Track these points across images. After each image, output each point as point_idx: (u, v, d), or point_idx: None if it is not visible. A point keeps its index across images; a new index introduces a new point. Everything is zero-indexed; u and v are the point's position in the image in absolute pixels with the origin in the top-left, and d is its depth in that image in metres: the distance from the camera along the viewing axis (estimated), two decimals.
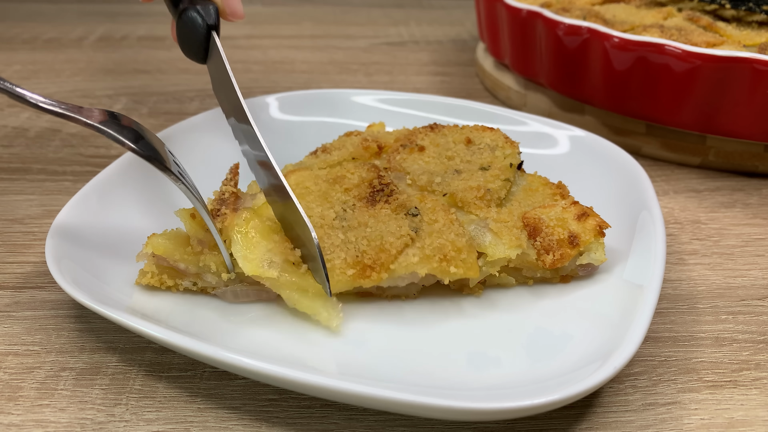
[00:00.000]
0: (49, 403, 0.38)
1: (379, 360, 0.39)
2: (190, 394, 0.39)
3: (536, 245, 0.44)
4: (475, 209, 0.45)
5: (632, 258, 0.45)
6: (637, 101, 0.64)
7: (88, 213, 0.47)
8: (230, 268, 0.42)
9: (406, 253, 0.42)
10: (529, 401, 0.33)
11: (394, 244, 0.42)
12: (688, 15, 0.73)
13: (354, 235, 0.43)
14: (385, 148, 0.53)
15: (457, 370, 0.39)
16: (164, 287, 0.43)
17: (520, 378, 0.38)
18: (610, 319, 0.41)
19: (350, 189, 0.47)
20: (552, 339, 0.41)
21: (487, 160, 0.50)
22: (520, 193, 0.49)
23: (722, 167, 0.65)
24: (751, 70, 0.56)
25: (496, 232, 0.44)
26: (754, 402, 0.39)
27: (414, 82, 0.90)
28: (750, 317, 0.46)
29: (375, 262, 0.41)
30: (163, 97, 0.82)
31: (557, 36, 0.67)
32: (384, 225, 0.43)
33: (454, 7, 1.34)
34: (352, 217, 0.44)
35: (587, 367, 0.36)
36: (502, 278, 0.45)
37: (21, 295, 0.46)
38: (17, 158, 0.66)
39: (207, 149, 0.59)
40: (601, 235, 0.44)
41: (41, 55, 0.97)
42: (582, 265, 0.45)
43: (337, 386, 0.33)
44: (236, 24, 1.16)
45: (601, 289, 0.44)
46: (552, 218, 0.45)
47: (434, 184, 0.48)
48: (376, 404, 0.34)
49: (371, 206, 0.45)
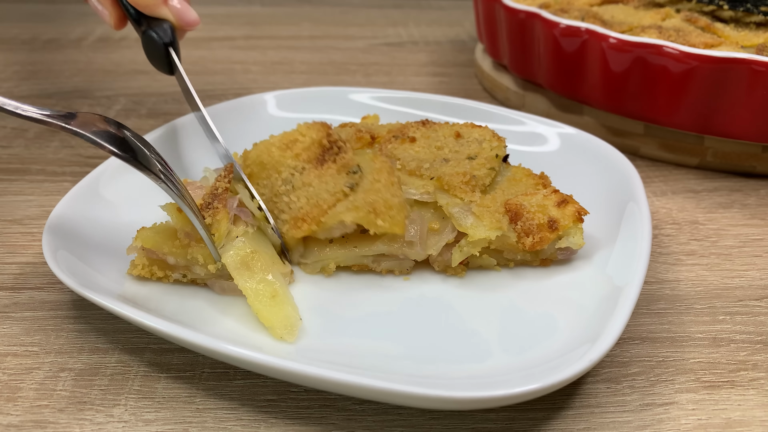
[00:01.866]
0: (48, 404, 0.38)
1: (360, 347, 0.40)
2: (189, 395, 0.39)
3: (517, 229, 0.46)
4: (460, 193, 0.47)
5: (617, 246, 0.47)
6: (636, 102, 0.64)
7: (85, 206, 0.48)
8: (217, 259, 0.43)
9: (338, 207, 0.45)
10: (511, 390, 0.33)
11: (327, 200, 0.46)
12: (686, 16, 0.73)
13: (296, 196, 0.47)
14: (377, 139, 0.55)
15: (438, 355, 0.40)
16: (155, 278, 0.44)
17: (503, 366, 0.39)
18: (593, 301, 0.42)
19: (300, 154, 0.50)
20: (533, 323, 0.42)
21: (474, 150, 0.52)
22: (504, 183, 0.50)
23: (720, 168, 0.65)
24: (748, 71, 0.57)
25: (478, 215, 0.46)
26: (752, 402, 0.39)
27: (413, 83, 0.90)
28: (747, 318, 0.46)
29: (307, 215, 0.45)
30: (162, 98, 0.82)
31: (555, 37, 0.67)
32: (324, 184, 0.47)
33: (453, 7, 1.34)
34: (298, 179, 0.48)
35: (571, 353, 0.37)
36: (483, 259, 0.47)
37: (20, 296, 0.46)
38: (16, 159, 0.66)
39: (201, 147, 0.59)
40: (580, 221, 0.46)
41: (40, 55, 0.97)
42: (561, 249, 0.47)
43: (315, 373, 0.34)
44: (235, 24, 1.16)
45: (585, 275, 0.46)
46: (533, 204, 0.47)
47: (423, 169, 0.50)
48: (358, 392, 0.35)
49: (320, 166, 0.49)
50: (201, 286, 0.45)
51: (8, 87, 0.84)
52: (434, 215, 0.47)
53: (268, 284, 0.42)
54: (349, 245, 0.46)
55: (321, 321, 0.43)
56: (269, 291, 0.42)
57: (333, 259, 0.47)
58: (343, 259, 0.47)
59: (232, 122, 0.63)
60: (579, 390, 0.40)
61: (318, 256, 0.47)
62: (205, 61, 0.97)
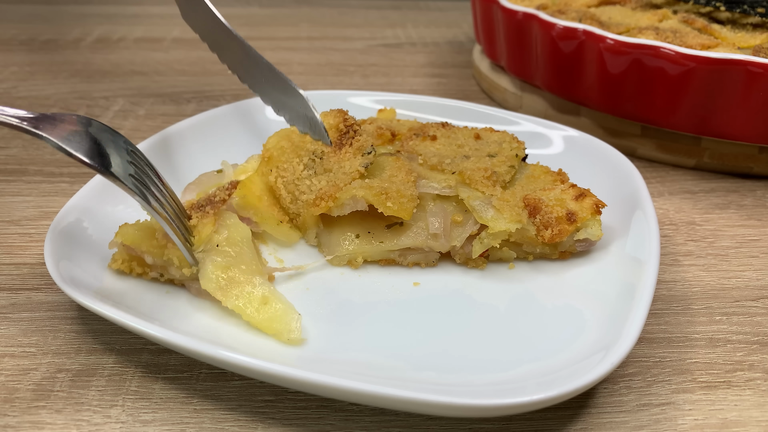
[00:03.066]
0: (45, 405, 0.38)
1: (371, 353, 0.40)
2: (187, 395, 0.39)
3: (536, 222, 0.47)
4: (482, 187, 0.48)
5: (629, 241, 0.47)
6: (633, 103, 0.65)
7: (86, 212, 0.48)
8: (192, 264, 0.43)
9: (353, 184, 0.47)
10: (530, 397, 0.33)
11: (344, 180, 0.48)
12: (683, 17, 0.73)
13: (318, 180, 0.50)
14: (398, 136, 0.56)
15: (455, 363, 0.39)
16: (134, 274, 0.45)
17: (522, 372, 0.38)
18: (609, 298, 0.43)
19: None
20: (555, 317, 0.43)
21: (494, 150, 0.54)
22: (523, 180, 0.52)
23: (717, 169, 0.66)
24: (745, 72, 0.57)
25: (498, 209, 0.47)
26: (748, 402, 0.39)
27: (411, 84, 0.90)
28: (744, 318, 0.46)
29: (325, 194, 0.47)
30: (160, 99, 0.82)
31: (553, 38, 0.68)
32: (342, 168, 0.50)
33: (451, 8, 1.34)
34: (319, 165, 0.51)
35: (588, 359, 0.37)
36: (503, 252, 0.48)
37: (17, 297, 0.46)
38: (14, 160, 0.66)
39: (201, 151, 0.59)
40: (598, 213, 0.47)
41: (38, 56, 0.97)
42: (579, 241, 0.47)
43: (327, 382, 0.34)
44: (234, 25, 1.16)
45: (602, 267, 0.47)
46: (551, 198, 0.48)
47: (444, 164, 0.51)
48: (372, 401, 0.35)
49: (338, 151, 0.51)
50: (179, 286, 0.45)
51: (6, 88, 0.84)
52: (457, 208, 0.48)
53: (255, 292, 0.42)
54: (375, 241, 0.47)
55: (332, 319, 0.43)
56: (259, 298, 0.42)
57: (360, 253, 0.47)
58: (370, 254, 0.48)
59: (230, 127, 0.63)
60: None
61: (346, 249, 0.47)
62: (203, 61, 0.97)
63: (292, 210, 0.50)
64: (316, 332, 0.41)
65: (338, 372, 0.37)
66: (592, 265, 0.47)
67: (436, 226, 0.47)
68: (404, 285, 0.46)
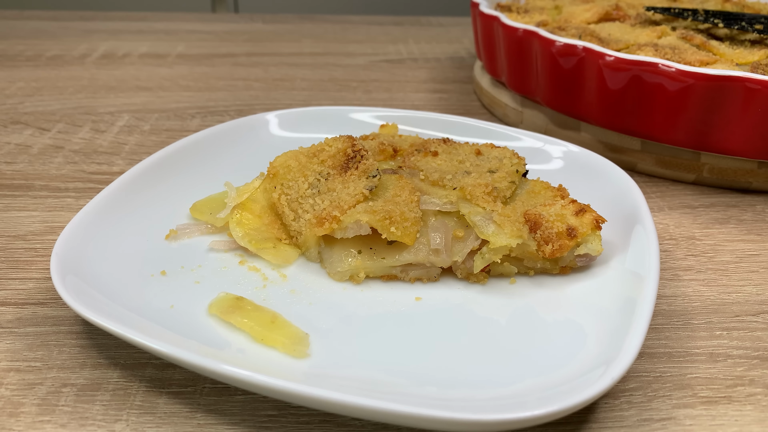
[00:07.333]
0: (50, 419, 0.38)
1: (373, 366, 0.40)
2: (190, 410, 0.39)
3: (537, 237, 0.47)
4: (482, 202, 0.49)
5: (629, 256, 0.48)
6: (632, 119, 0.65)
7: (94, 228, 0.48)
8: None
9: (357, 208, 0.48)
10: (533, 411, 0.33)
11: (348, 202, 0.49)
12: (681, 34, 0.74)
13: (321, 199, 0.50)
14: (400, 152, 0.57)
15: (457, 378, 0.39)
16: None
17: (523, 386, 0.38)
18: (609, 313, 0.43)
19: (325, 160, 0.54)
20: (557, 333, 0.43)
21: (495, 165, 0.54)
22: (524, 195, 0.52)
23: (716, 184, 0.66)
24: (743, 88, 0.57)
25: (499, 224, 0.47)
26: (749, 418, 0.39)
27: (412, 99, 0.91)
28: (744, 333, 0.46)
29: (329, 214, 0.48)
30: (165, 114, 0.83)
31: (553, 55, 0.68)
32: (346, 189, 0.50)
33: (452, 25, 1.36)
34: (323, 185, 0.51)
35: (589, 374, 0.37)
36: (504, 267, 0.48)
37: (23, 311, 0.47)
38: (20, 175, 0.66)
39: (205, 166, 0.60)
40: (598, 228, 0.47)
41: (44, 72, 0.98)
42: (580, 256, 0.48)
43: (329, 397, 0.34)
44: (238, 42, 1.17)
45: (601, 282, 0.47)
46: (552, 214, 0.48)
47: (445, 180, 0.52)
48: (375, 416, 0.35)
49: (344, 173, 0.52)
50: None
51: (12, 103, 0.85)
52: (458, 223, 0.49)
53: (263, 312, 0.43)
54: (377, 257, 0.48)
55: (334, 335, 0.43)
56: (268, 317, 0.43)
57: (363, 269, 0.48)
58: (372, 269, 0.48)
59: (234, 142, 0.64)
60: None
61: (348, 265, 0.48)
62: (207, 77, 0.98)
63: (294, 228, 0.50)
64: (319, 347, 0.42)
65: (340, 387, 0.37)
66: (593, 280, 0.48)
67: (437, 241, 0.47)
68: (406, 300, 0.47)
